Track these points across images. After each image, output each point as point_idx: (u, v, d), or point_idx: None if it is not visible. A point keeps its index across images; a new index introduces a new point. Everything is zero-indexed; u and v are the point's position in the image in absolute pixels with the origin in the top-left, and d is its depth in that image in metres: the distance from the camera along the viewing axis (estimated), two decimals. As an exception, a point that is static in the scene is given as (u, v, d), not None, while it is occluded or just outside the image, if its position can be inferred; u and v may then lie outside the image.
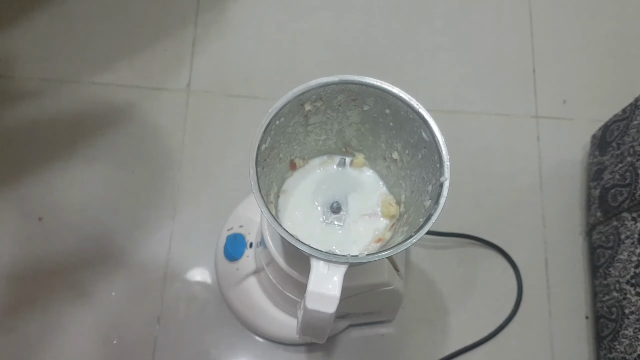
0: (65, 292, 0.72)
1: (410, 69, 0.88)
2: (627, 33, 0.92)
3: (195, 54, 0.85)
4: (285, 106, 0.45)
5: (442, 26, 0.91)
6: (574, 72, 0.90)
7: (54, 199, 0.76)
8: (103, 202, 0.77)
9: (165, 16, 0.87)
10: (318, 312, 0.41)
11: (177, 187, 0.78)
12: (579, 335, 0.76)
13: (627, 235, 0.68)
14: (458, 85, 0.88)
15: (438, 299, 0.76)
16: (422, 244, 0.78)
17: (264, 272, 0.64)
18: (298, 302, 0.46)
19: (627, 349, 0.66)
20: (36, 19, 0.85)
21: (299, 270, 0.53)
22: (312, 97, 0.46)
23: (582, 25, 0.93)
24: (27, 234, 0.75)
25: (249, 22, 0.88)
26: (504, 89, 0.88)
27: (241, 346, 0.71)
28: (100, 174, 0.78)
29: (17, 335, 0.70)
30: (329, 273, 0.41)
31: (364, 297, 0.58)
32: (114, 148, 0.79)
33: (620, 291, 0.68)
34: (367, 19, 0.90)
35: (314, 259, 0.41)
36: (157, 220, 0.76)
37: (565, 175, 0.84)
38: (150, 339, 0.71)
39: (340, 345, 0.72)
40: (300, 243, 0.41)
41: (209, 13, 0.88)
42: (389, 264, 0.57)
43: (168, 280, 0.74)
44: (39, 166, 0.78)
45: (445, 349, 0.73)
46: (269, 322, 0.68)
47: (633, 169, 0.68)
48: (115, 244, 0.75)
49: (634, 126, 0.70)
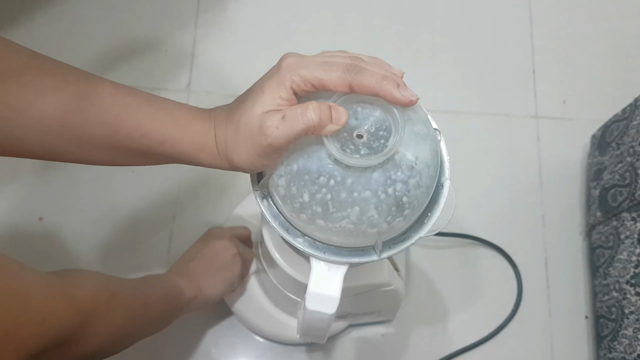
0: (66, 292, 0.72)
1: (410, 69, 0.88)
2: (627, 33, 0.92)
3: (196, 54, 0.85)
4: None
5: (442, 26, 0.91)
6: (574, 72, 0.90)
7: (54, 199, 0.76)
8: (103, 202, 0.77)
9: (165, 16, 0.87)
10: (318, 312, 0.41)
11: (177, 187, 0.78)
12: (579, 335, 0.76)
13: (627, 235, 0.68)
14: (458, 85, 0.88)
15: (438, 299, 0.76)
16: (422, 244, 0.78)
17: (264, 272, 0.64)
18: (298, 302, 0.46)
19: (626, 348, 0.66)
20: (36, 19, 0.85)
21: (299, 270, 0.53)
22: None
23: (582, 25, 0.93)
24: (27, 234, 0.75)
25: (249, 23, 0.88)
26: (504, 89, 0.88)
27: (241, 346, 0.71)
28: (100, 174, 0.78)
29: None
30: (329, 273, 0.41)
31: (364, 297, 0.58)
32: (114, 148, 0.79)
33: (619, 291, 0.68)
34: (367, 19, 0.90)
35: (314, 259, 0.41)
36: (157, 220, 0.76)
37: (565, 175, 0.84)
38: (150, 339, 0.71)
39: (340, 345, 0.72)
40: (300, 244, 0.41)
41: (209, 13, 0.88)
42: (389, 264, 0.57)
43: (168, 280, 0.74)
44: (39, 166, 0.78)
45: (445, 349, 0.73)
46: (269, 322, 0.68)
47: (633, 169, 0.68)
48: (115, 244, 0.75)
49: (634, 126, 0.70)
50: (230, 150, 0.38)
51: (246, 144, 0.37)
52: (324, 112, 0.35)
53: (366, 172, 0.36)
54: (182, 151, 0.38)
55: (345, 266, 0.41)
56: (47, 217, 0.76)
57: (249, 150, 0.37)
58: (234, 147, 0.38)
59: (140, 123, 0.37)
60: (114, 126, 0.36)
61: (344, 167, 0.36)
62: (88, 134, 0.36)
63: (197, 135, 0.38)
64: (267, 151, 0.36)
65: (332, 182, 0.36)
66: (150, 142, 0.37)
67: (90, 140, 0.37)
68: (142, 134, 0.37)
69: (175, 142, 0.38)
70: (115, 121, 0.36)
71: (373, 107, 0.37)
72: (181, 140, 0.38)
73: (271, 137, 0.35)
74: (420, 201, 0.39)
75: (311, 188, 0.37)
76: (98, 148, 0.37)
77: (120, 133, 0.37)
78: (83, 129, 0.36)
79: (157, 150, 0.38)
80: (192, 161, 0.40)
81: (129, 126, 0.37)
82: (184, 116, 0.38)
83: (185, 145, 0.38)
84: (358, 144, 0.36)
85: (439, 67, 0.89)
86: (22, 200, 0.76)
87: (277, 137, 0.35)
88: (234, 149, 0.38)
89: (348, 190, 0.36)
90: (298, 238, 0.41)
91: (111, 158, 0.39)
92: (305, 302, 0.41)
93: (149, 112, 0.37)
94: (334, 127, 0.35)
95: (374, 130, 0.37)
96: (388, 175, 0.37)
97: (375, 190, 0.36)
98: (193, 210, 0.77)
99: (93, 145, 0.37)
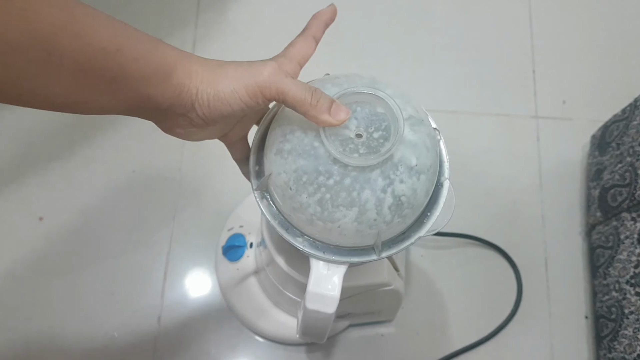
0: (65, 292, 0.72)
1: (410, 69, 0.89)
2: (627, 33, 0.92)
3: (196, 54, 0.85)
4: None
5: (442, 26, 0.91)
6: (573, 73, 0.90)
7: (54, 199, 0.76)
8: (103, 202, 0.77)
9: (165, 16, 0.87)
10: (318, 312, 0.41)
11: (177, 187, 0.78)
12: (579, 335, 0.76)
13: (627, 235, 0.68)
14: (458, 85, 0.88)
15: (438, 299, 0.76)
16: (422, 244, 0.78)
17: (264, 272, 0.64)
18: (298, 302, 0.46)
19: (626, 348, 0.66)
20: (36, 19, 0.85)
21: (299, 270, 0.53)
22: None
23: (582, 25, 0.93)
24: (27, 234, 0.75)
25: (250, 23, 0.88)
26: (504, 89, 0.88)
27: (241, 346, 0.71)
28: (100, 174, 0.78)
29: (17, 335, 0.70)
30: (328, 273, 0.41)
31: (363, 297, 0.58)
32: (114, 148, 0.80)
33: (619, 291, 0.68)
34: (367, 19, 0.90)
35: (314, 259, 0.41)
36: (157, 220, 0.76)
37: (565, 176, 0.84)
38: (150, 339, 0.71)
39: (340, 345, 0.72)
40: (300, 243, 0.41)
41: (209, 13, 0.88)
42: (389, 264, 0.57)
43: (168, 280, 0.74)
44: (39, 166, 0.78)
45: (446, 349, 0.73)
46: (269, 322, 0.68)
47: (632, 169, 0.68)
48: (116, 244, 0.75)
49: (634, 126, 0.70)
50: (208, 71, 0.35)
51: (235, 70, 0.35)
52: (324, 99, 0.35)
53: (365, 171, 0.36)
54: (154, 70, 0.34)
55: (344, 266, 0.41)
56: (47, 217, 0.76)
57: (236, 77, 0.35)
58: (217, 69, 0.35)
59: (116, 35, 0.33)
60: (88, 38, 0.31)
61: (343, 166, 0.36)
62: (59, 48, 0.30)
63: (170, 51, 0.35)
64: (258, 85, 0.34)
65: (331, 181, 0.36)
66: (125, 60, 0.33)
67: (60, 58, 0.30)
68: (117, 47, 0.32)
69: (150, 57, 0.34)
70: (89, 32, 0.31)
71: (373, 106, 0.37)
72: (154, 55, 0.34)
73: (273, 74, 0.34)
74: (420, 201, 0.39)
75: (310, 187, 0.37)
76: (66, 70, 0.31)
77: (93, 47, 0.31)
78: (55, 41, 0.30)
79: (129, 70, 0.33)
80: (160, 86, 0.34)
81: (104, 40, 0.32)
82: (149, 35, 0.35)
83: (157, 60, 0.34)
84: (357, 143, 0.36)
85: (439, 67, 0.89)
86: (22, 200, 0.76)
87: (279, 79, 0.34)
88: (215, 70, 0.35)
89: (347, 189, 0.36)
90: (297, 237, 0.41)
91: (76, 89, 0.33)
92: (305, 301, 0.41)
93: (122, 27, 0.34)
94: (331, 120, 0.35)
95: (373, 129, 0.37)
96: (387, 174, 0.37)
97: (375, 189, 0.36)
98: (193, 210, 0.77)
99: (61, 66, 0.31)
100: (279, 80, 0.35)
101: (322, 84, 0.39)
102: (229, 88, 0.35)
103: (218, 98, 0.35)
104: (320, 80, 0.41)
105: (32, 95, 0.32)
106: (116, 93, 0.33)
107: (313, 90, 0.35)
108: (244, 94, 0.35)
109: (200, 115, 0.36)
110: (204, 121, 0.36)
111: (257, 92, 0.35)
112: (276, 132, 0.39)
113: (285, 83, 0.35)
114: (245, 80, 0.35)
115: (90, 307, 0.72)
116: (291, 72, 0.37)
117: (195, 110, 0.35)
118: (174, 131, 0.38)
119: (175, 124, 0.37)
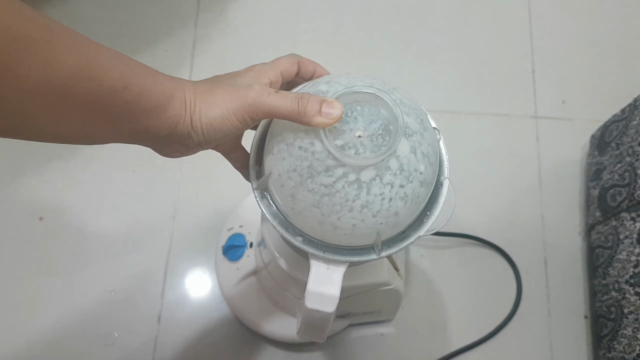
0: (65, 292, 0.72)
1: (410, 69, 0.89)
2: (627, 33, 0.93)
3: (196, 55, 0.85)
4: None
5: (442, 27, 0.91)
6: (573, 73, 0.90)
7: (54, 199, 0.77)
8: (103, 202, 0.77)
9: (165, 17, 0.87)
10: (318, 311, 0.41)
11: (177, 187, 0.78)
12: (578, 335, 0.76)
13: (626, 235, 0.68)
14: (458, 85, 0.88)
15: (438, 299, 0.76)
16: (421, 244, 0.78)
17: (264, 272, 0.64)
18: (298, 301, 0.46)
19: (626, 348, 0.66)
20: (36, 19, 0.85)
21: (299, 269, 0.53)
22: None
23: (582, 25, 0.93)
24: (27, 234, 0.75)
25: (249, 22, 0.88)
26: (503, 89, 0.88)
27: (241, 346, 0.71)
28: (100, 174, 0.78)
29: (17, 334, 0.70)
30: (328, 272, 0.41)
31: (363, 297, 0.58)
32: (114, 148, 0.79)
33: (619, 291, 0.68)
34: (367, 19, 0.90)
35: (314, 258, 0.41)
36: (157, 220, 0.77)
37: (565, 176, 0.84)
38: (150, 339, 0.71)
39: (340, 345, 0.72)
40: (300, 242, 0.41)
41: (209, 13, 0.88)
42: (389, 264, 0.57)
43: (168, 280, 0.74)
44: (39, 166, 0.78)
45: (445, 349, 0.73)
46: (268, 321, 0.69)
47: (632, 169, 0.68)
48: (116, 243, 0.75)
49: (633, 126, 0.70)
50: (200, 99, 0.36)
51: (223, 96, 0.36)
52: (311, 103, 0.35)
53: (365, 170, 0.36)
54: (155, 103, 0.35)
55: (344, 265, 0.41)
56: (47, 217, 0.76)
57: (224, 103, 0.36)
58: (207, 96, 0.37)
59: (123, 72, 0.34)
60: (99, 80, 0.32)
61: (342, 165, 0.36)
62: (74, 93, 0.31)
63: (167, 83, 0.36)
64: (245, 110, 0.36)
65: (331, 180, 0.36)
66: (131, 96, 0.34)
67: (73, 101, 0.32)
68: (125, 85, 0.33)
69: (151, 91, 0.35)
70: (100, 74, 0.32)
71: (372, 105, 0.38)
72: (154, 89, 0.35)
73: (258, 95, 0.35)
74: (420, 200, 0.39)
75: (310, 187, 0.37)
76: (76, 110, 0.32)
77: (104, 87, 0.32)
78: (70, 86, 0.31)
79: (134, 105, 0.34)
80: (160, 117, 0.36)
81: (113, 79, 0.33)
82: (149, 67, 0.36)
83: (157, 94, 0.35)
84: (357, 142, 0.37)
85: (439, 67, 0.89)
86: (22, 200, 0.76)
87: (263, 100, 0.35)
88: (206, 98, 0.37)
89: (347, 189, 0.36)
90: (297, 237, 0.41)
91: (83, 126, 0.34)
92: (305, 300, 0.41)
93: (127, 62, 0.35)
94: (325, 120, 0.35)
95: (372, 129, 0.37)
96: (387, 174, 0.37)
97: (374, 189, 0.36)
98: (193, 210, 0.77)
99: (73, 108, 0.32)
100: (263, 101, 0.36)
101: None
102: (219, 115, 0.36)
103: (211, 126, 0.37)
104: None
105: (38, 132, 0.33)
106: (119, 126, 0.35)
107: (299, 98, 0.36)
108: (233, 119, 0.37)
109: (196, 142, 0.38)
110: (200, 145, 0.38)
111: (246, 117, 0.36)
112: (276, 131, 0.39)
113: (270, 101, 0.36)
114: (233, 105, 0.36)
115: (90, 307, 0.72)
116: (273, 79, 0.39)
117: (191, 137, 0.37)
118: (171, 155, 0.40)
119: (173, 149, 0.39)
